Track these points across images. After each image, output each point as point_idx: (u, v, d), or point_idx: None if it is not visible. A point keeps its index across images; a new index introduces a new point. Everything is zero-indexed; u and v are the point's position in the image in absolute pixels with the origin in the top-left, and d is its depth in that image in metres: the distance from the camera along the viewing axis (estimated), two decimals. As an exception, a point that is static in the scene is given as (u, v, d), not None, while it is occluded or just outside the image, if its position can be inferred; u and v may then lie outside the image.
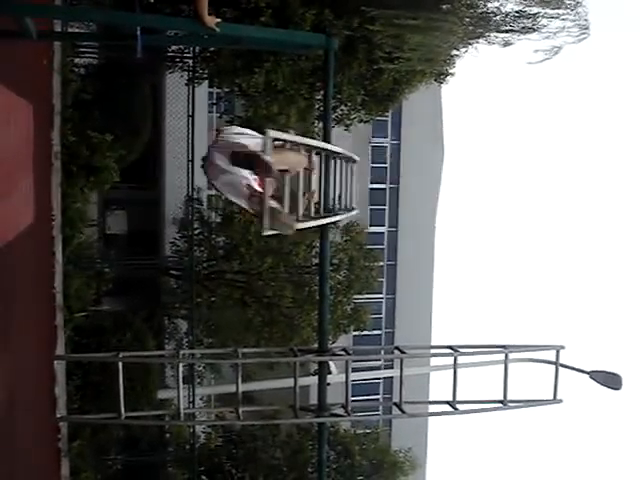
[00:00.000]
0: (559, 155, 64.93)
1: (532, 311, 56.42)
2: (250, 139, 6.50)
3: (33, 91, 9.19)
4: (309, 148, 7.27)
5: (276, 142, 6.63)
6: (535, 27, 11.77)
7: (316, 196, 7.49)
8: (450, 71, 13.80)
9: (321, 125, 13.38)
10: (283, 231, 6.71)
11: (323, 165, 7.64)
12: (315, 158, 7.39)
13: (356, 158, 8.97)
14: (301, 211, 7.16)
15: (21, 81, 8.36)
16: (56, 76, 10.94)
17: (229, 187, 6.53)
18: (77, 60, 15.58)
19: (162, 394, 15.67)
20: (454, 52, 12.68)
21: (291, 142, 6.93)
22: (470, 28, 11.75)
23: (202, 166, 6.68)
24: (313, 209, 7.47)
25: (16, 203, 8.16)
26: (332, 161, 7.83)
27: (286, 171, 6.80)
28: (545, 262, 59.35)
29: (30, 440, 8.76)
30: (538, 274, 56.95)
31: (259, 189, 6.45)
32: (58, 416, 10.40)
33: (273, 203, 6.55)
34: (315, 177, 7.37)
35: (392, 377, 24.36)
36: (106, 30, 12.79)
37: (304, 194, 7.19)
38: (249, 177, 6.42)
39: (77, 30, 13.94)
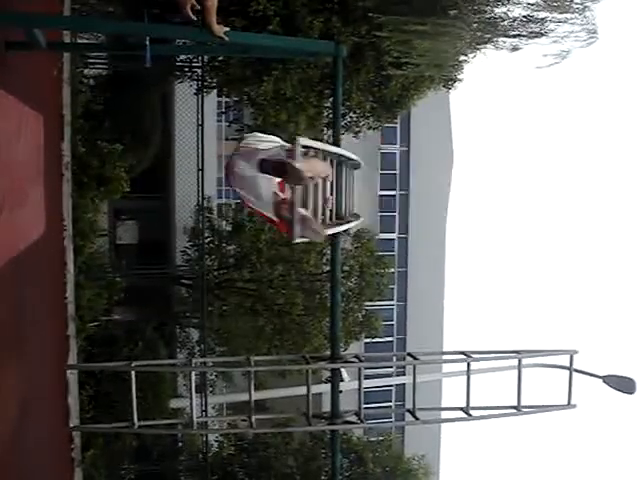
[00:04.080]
0: (569, 159, 64.77)
1: (544, 316, 56.15)
2: (271, 144, 6.37)
3: (43, 102, 9.23)
4: (327, 155, 7.20)
5: (302, 149, 6.50)
6: (543, 32, 11.74)
7: (330, 203, 7.41)
8: (458, 77, 13.77)
9: (330, 132, 13.42)
10: (314, 239, 6.60)
11: (335, 172, 7.64)
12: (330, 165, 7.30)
13: (360, 162, 8.83)
14: (322, 218, 7.09)
15: (31, 92, 8.40)
16: (66, 87, 10.98)
17: (254, 194, 6.30)
18: (86, 71, 15.66)
19: (174, 403, 15.67)
20: (462, 57, 12.66)
21: (315, 149, 6.81)
22: (478, 33, 11.73)
23: (225, 175, 6.47)
24: (329, 215, 7.41)
25: (27, 214, 8.19)
26: (342, 167, 7.84)
27: (311, 178, 6.53)
28: (557, 267, 59.11)
29: (43, 450, 8.77)
30: (550, 279, 56.77)
31: (285, 196, 6.33)
32: (71, 426, 10.41)
33: (303, 211, 6.36)
34: (329, 184, 7.30)
35: (404, 384, 24.30)
36: (115, 40, 12.85)
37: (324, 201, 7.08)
38: (275, 184, 6.28)
39: (86, 41, 14.02)
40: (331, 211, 7.50)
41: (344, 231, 8.31)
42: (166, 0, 10.04)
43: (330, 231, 7.23)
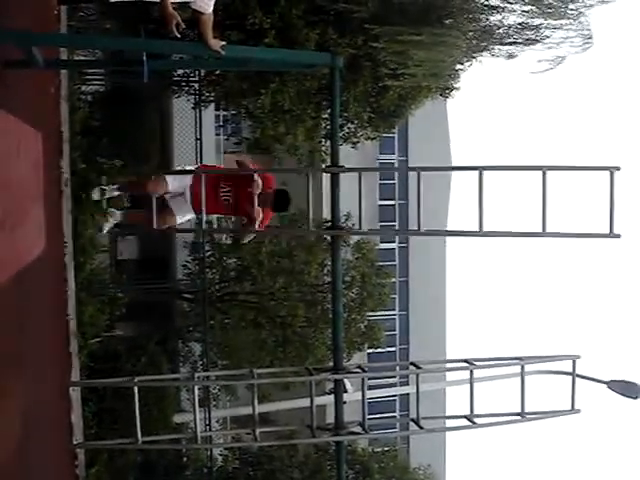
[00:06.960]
0: (566, 163, 64.65)
1: (547, 322, 56.12)
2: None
3: (41, 119, 9.24)
4: None
5: None
6: (538, 38, 11.81)
7: None
8: (455, 85, 13.82)
9: (329, 143, 13.45)
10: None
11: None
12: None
13: None
14: None
15: (30, 110, 8.42)
16: (64, 104, 11.00)
17: None
18: (84, 87, 15.69)
19: (178, 418, 15.62)
20: (458, 66, 12.72)
21: None
22: (474, 42, 11.79)
23: None
24: None
25: (28, 232, 8.18)
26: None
27: None
28: (559, 272, 59.08)
29: (47, 468, 8.74)
30: (551, 284, 56.74)
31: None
32: (75, 443, 10.37)
33: None
34: None
35: (408, 394, 24.25)
36: (112, 57, 12.90)
37: None
38: None
39: (83, 57, 14.05)
40: None
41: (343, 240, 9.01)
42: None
43: None
